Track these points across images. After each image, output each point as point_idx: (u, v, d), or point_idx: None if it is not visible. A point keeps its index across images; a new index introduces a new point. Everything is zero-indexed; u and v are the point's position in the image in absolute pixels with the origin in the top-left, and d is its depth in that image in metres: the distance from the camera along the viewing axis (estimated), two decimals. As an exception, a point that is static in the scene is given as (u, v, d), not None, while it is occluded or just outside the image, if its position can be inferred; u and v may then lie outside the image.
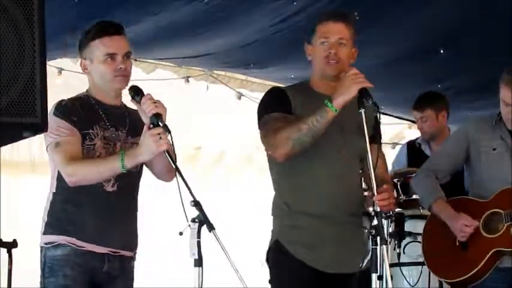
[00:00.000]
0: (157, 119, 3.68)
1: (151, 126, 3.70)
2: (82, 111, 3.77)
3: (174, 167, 3.64)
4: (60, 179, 3.78)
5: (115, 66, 3.80)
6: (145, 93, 3.76)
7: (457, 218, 4.59)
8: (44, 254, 3.77)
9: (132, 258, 3.91)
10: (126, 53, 3.84)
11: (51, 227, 3.78)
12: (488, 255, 4.50)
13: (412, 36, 6.70)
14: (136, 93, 3.75)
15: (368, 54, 6.49)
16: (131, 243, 3.90)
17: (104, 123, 3.82)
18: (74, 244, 3.73)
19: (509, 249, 4.49)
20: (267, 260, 4.04)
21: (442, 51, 6.92)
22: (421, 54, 7.00)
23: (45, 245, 3.77)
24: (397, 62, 7.18)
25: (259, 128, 3.97)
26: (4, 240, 4.98)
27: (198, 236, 3.57)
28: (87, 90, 3.89)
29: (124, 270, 3.87)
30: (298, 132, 3.77)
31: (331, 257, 3.92)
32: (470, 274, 4.55)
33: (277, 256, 3.94)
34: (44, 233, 3.79)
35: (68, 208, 3.77)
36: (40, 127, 2.81)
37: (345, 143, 3.93)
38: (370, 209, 3.81)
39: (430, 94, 6.28)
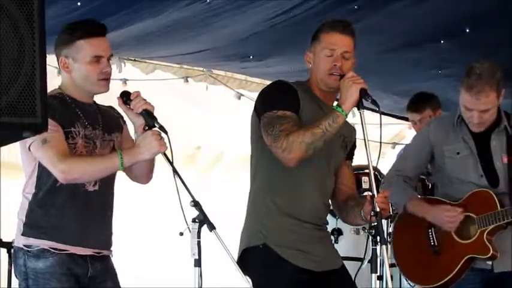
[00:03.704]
0: (153, 120, 3.69)
1: (146, 127, 3.70)
2: (61, 109, 3.70)
3: (171, 168, 3.64)
4: (40, 178, 3.72)
5: (100, 69, 3.76)
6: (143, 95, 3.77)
7: (437, 210, 4.55)
8: (24, 263, 3.70)
9: (111, 255, 3.90)
10: (110, 56, 3.82)
11: (30, 228, 3.71)
12: (462, 262, 4.49)
13: (413, 26, 6.69)
14: (128, 97, 3.75)
15: (368, 43, 6.48)
16: (110, 241, 3.89)
17: (83, 121, 3.78)
18: (56, 248, 3.68)
19: (483, 256, 4.46)
20: (245, 263, 3.91)
21: (442, 42, 6.92)
22: (422, 44, 7.00)
23: (24, 248, 3.71)
24: (396, 52, 7.17)
25: (263, 124, 3.87)
26: (4, 240, 4.99)
27: (198, 236, 3.58)
28: (60, 88, 3.81)
29: (107, 269, 3.86)
30: (312, 137, 3.76)
31: (320, 257, 3.97)
32: (444, 281, 4.52)
33: (270, 261, 3.91)
34: (23, 234, 3.73)
35: (49, 210, 3.72)
36: (40, 127, 2.80)
37: (331, 155, 3.98)
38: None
39: (425, 94, 6.29)
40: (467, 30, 6.59)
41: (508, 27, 6.21)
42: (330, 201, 4.15)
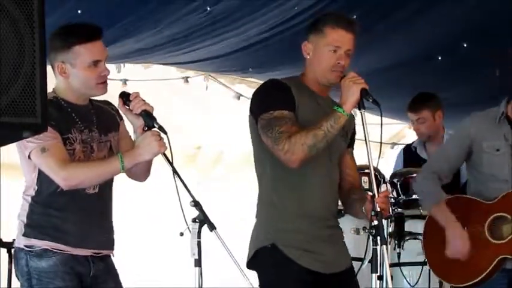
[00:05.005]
0: (152, 120, 3.68)
1: (146, 128, 3.69)
2: (57, 116, 3.67)
3: (171, 168, 3.64)
4: (41, 183, 3.72)
5: (98, 73, 3.73)
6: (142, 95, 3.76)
7: (456, 235, 4.51)
8: (27, 263, 3.70)
9: (112, 255, 3.90)
10: (106, 58, 3.79)
11: (32, 230, 3.71)
12: (494, 263, 4.44)
13: (410, 43, 6.72)
14: (127, 98, 3.74)
15: (364, 59, 6.51)
16: (111, 242, 3.89)
17: (79, 125, 3.76)
18: (57, 249, 3.68)
19: None
20: (255, 263, 3.93)
21: (440, 58, 6.94)
22: (418, 61, 7.02)
23: (26, 248, 3.70)
24: (394, 68, 7.19)
25: (261, 126, 3.85)
26: (4, 240, 4.99)
27: (199, 236, 3.58)
28: (54, 91, 3.76)
29: (109, 269, 3.86)
30: (314, 139, 3.75)
31: (328, 258, 3.95)
32: (475, 281, 4.48)
33: (277, 261, 3.89)
34: (24, 235, 3.72)
35: (50, 212, 3.71)
36: (40, 127, 2.80)
37: (333, 148, 3.95)
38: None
39: (425, 95, 6.26)
40: (465, 45, 6.61)
41: (507, 41, 6.23)
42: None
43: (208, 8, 5.80)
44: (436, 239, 4.68)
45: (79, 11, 5.36)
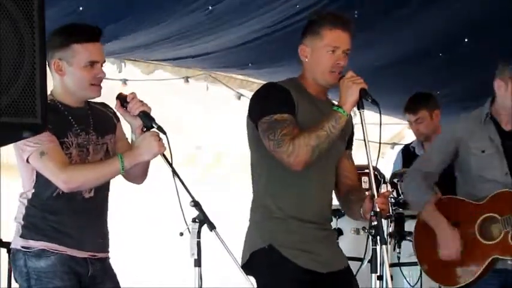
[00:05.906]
0: (151, 121, 3.69)
1: (145, 129, 3.70)
2: (53, 119, 3.65)
3: (171, 168, 3.64)
4: (38, 187, 3.73)
5: (94, 74, 3.74)
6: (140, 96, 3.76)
7: (447, 236, 4.53)
8: (25, 264, 3.71)
9: (108, 258, 3.91)
10: (103, 61, 3.80)
11: (29, 231, 3.73)
12: (486, 263, 4.45)
13: (412, 40, 6.72)
14: (125, 100, 3.74)
15: (366, 56, 6.50)
16: (106, 245, 3.90)
17: (75, 129, 3.76)
18: (55, 250, 3.70)
19: (508, 258, 4.43)
20: (251, 266, 3.93)
21: (441, 55, 6.94)
22: (420, 58, 7.01)
23: (23, 249, 3.72)
24: (395, 66, 7.19)
25: (262, 130, 3.82)
26: (4, 240, 4.99)
27: (198, 236, 3.58)
28: (51, 94, 3.75)
29: (106, 269, 3.87)
30: (317, 140, 3.74)
31: (325, 258, 3.95)
32: (468, 282, 4.50)
33: (274, 261, 3.89)
34: (22, 236, 3.74)
35: (46, 216, 3.72)
36: (40, 127, 2.80)
37: (332, 151, 3.94)
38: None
39: (421, 95, 6.28)
40: (466, 41, 6.62)
41: (507, 36, 6.23)
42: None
43: (210, 7, 5.80)
44: (426, 240, 4.69)
45: (80, 8, 5.36)
